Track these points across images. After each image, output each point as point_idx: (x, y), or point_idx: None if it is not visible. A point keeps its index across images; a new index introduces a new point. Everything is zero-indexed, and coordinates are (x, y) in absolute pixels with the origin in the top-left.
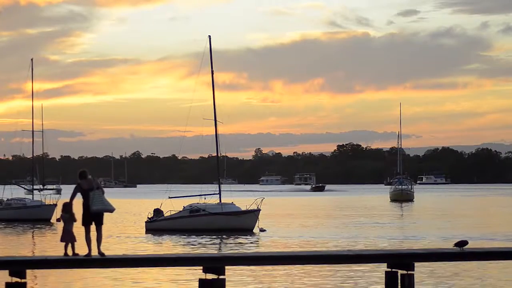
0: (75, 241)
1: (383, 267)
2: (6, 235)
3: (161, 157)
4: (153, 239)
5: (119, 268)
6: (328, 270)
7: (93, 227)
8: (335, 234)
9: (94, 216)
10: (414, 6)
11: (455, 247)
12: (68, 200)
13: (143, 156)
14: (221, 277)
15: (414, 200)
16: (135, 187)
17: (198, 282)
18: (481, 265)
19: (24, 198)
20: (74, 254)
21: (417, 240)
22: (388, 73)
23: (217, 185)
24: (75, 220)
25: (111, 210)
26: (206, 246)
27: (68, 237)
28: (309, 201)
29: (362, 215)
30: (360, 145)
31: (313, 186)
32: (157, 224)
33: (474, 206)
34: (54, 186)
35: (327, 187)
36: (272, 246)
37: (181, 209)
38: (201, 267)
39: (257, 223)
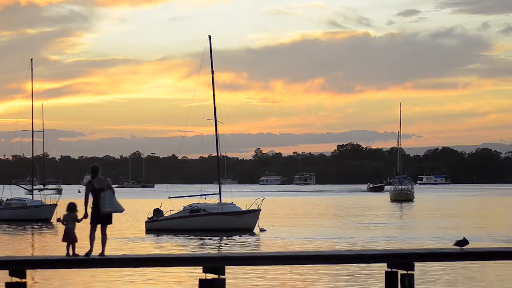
0: (76, 241)
1: (383, 267)
2: (6, 235)
3: (161, 157)
4: (153, 239)
5: (119, 268)
6: (328, 270)
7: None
8: (335, 234)
9: (103, 217)
10: (415, 6)
11: (455, 247)
12: (72, 200)
13: (143, 156)
14: (221, 277)
15: (414, 200)
16: (153, 187)
17: (198, 282)
18: (481, 265)
19: (24, 198)
20: (74, 254)
21: (417, 240)
22: (389, 73)
23: (217, 185)
24: (78, 221)
25: (120, 210)
26: (206, 246)
27: (68, 238)
28: (309, 201)
29: (362, 215)
30: (360, 145)
31: (371, 186)
32: (157, 224)
33: (474, 206)
34: (55, 186)
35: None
36: (272, 246)
37: (181, 209)
38: (201, 267)
39: (257, 223)
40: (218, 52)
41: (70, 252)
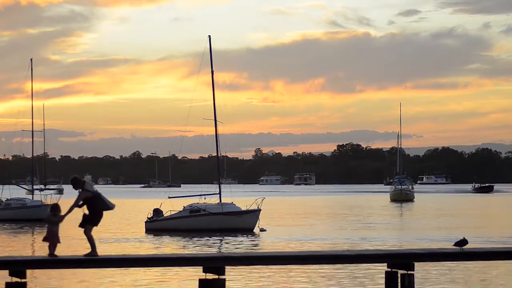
0: (59, 242)
1: (383, 267)
2: (6, 235)
3: (161, 157)
4: (153, 239)
5: (119, 268)
6: (328, 270)
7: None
8: (335, 234)
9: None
10: (415, 6)
11: (455, 247)
12: (56, 201)
13: (143, 156)
14: (221, 277)
15: (414, 200)
16: (179, 186)
17: (198, 282)
18: (481, 265)
19: (24, 198)
20: (52, 255)
21: (417, 240)
22: (389, 73)
23: (217, 185)
24: (60, 221)
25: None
26: (206, 246)
27: (49, 238)
28: (309, 201)
29: (362, 215)
30: (360, 145)
31: (476, 186)
32: (157, 224)
33: (474, 206)
34: (56, 186)
35: (495, 187)
36: (272, 246)
37: (181, 209)
38: (201, 267)
39: (257, 223)
40: (218, 52)
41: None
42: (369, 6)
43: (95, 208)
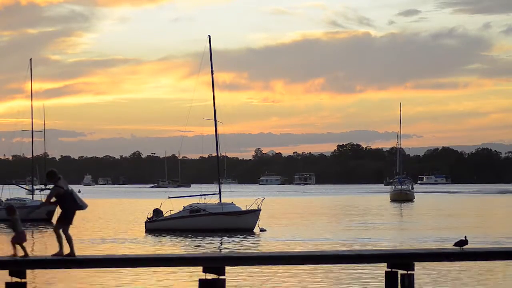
0: (25, 240)
1: (383, 267)
2: (6, 235)
3: (161, 157)
4: (153, 239)
5: (119, 268)
6: (328, 270)
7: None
8: (335, 234)
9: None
10: (415, 6)
11: (455, 247)
12: (11, 204)
13: (143, 156)
14: (221, 277)
15: (414, 200)
16: (189, 186)
17: (198, 282)
18: (481, 265)
19: (24, 198)
20: (14, 255)
21: (417, 240)
22: (389, 73)
23: (217, 185)
24: (12, 221)
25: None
26: (206, 246)
27: (15, 239)
28: (309, 201)
29: (362, 215)
30: (360, 145)
31: None
32: (157, 224)
33: (474, 206)
34: None
35: None
36: (272, 246)
37: (181, 209)
38: (201, 267)
39: (257, 223)
40: (218, 52)
41: (21, 253)
42: (369, 6)
43: (66, 207)
